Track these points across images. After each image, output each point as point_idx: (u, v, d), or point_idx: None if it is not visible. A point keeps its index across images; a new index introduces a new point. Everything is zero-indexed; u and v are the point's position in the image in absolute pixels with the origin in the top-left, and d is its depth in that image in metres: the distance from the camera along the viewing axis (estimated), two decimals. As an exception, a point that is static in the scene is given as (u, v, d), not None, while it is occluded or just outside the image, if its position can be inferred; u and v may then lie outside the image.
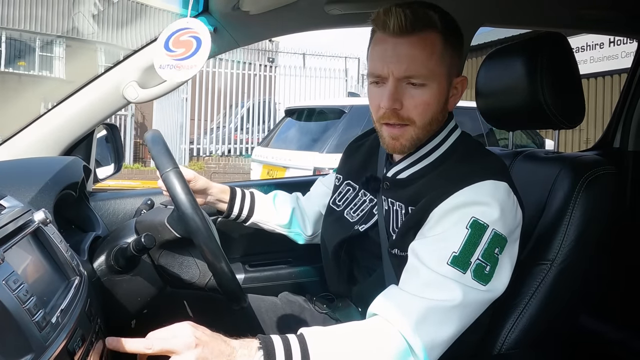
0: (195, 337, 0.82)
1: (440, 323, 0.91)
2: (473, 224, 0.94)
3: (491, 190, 0.97)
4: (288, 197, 1.41)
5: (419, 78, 0.99)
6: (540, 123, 1.32)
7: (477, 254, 0.93)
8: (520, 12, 1.69)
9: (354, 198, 1.21)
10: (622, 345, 1.63)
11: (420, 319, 0.89)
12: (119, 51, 10.86)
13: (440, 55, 1.00)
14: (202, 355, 0.81)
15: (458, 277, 0.92)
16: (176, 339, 0.82)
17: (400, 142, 1.04)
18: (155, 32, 2.61)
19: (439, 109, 1.04)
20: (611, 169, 1.15)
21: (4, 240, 0.70)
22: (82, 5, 10.81)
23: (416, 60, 0.98)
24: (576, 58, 1.28)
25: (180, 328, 0.84)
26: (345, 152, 1.34)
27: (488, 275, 0.94)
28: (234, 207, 1.33)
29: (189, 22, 1.09)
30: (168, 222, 1.04)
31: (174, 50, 1.10)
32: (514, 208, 0.99)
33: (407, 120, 1.02)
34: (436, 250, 0.94)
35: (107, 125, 1.58)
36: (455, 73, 1.05)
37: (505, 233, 0.96)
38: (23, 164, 1.26)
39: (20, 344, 0.62)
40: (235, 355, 0.84)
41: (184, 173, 1.13)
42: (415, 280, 0.94)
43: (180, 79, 1.09)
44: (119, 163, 1.64)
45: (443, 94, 1.03)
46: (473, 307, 0.94)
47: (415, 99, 1.00)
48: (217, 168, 9.28)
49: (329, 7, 1.43)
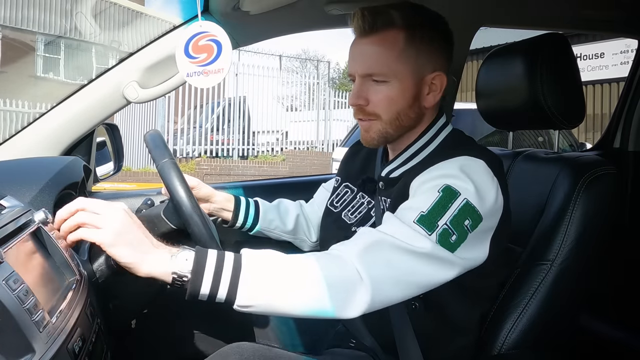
0: (122, 222, 0.83)
1: (393, 260, 0.88)
2: (445, 189, 0.94)
3: (467, 164, 0.98)
4: (292, 204, 1.41)
5: (380, 75, 1.03)
6: (540, 123, 1.32)
7: (445, 218, 0.91)
8: (520, 12, 1.69)
9: (352, 200, 1.22)
10: (622, 345, 1.63)
11: (371, 247, 0.89)
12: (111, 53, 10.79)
13: (401, 52, 1.02)
14: (124, 238, 0.81)
15: (423, 234, 0.91)
16: (102, 216, 0.83)
17: (370, 134, 1.08)
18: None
19: (406, 104, 1.05)
20: (611, 169, 1.15)
21: (4, 240, 0.70)
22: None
23: (376, 57, 1.03)
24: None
25: (114, 209, 0.84)
26: (345, 154, 1.34)
27: (453, 245, 0.91)
28: (239, 216, 1.33)
29: (201, 25, 1.07)
30: (164, 214, 1.05)
31: (196, 56, 1.08)
32: (493, 188, 0.97)
33: (373, 115, 1.06)
34: (405, 210, 0.95)
35: (107, 125, 1.58)
36: (429, 69, 1.05)
37: (481, 210, 0.94)
38: (23, 164, 1.26)
39: (20, 344, 0.62)
40: (162, 249, 0.84)
41: (188, 181, 1.13)
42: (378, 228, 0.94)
43: (210, 84, 1.08)
44: (119, 163, 1.64)
45: (409, 90, 1.04)
46: (428, 265, 0.90)
47: (379, 94, 1.04)
48: (209, 170, 9.07)
49: (329, 7, 1.43)
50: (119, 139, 1.65)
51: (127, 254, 0.82)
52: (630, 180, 1.88)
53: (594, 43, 8.56)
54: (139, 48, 1.40)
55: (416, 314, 1.03)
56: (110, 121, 1.57)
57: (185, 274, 0.83)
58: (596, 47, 8.67)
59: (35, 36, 11.70)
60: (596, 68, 8.78)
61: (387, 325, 1.04)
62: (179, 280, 0.83)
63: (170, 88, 1.38)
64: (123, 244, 0.82)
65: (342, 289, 0.86)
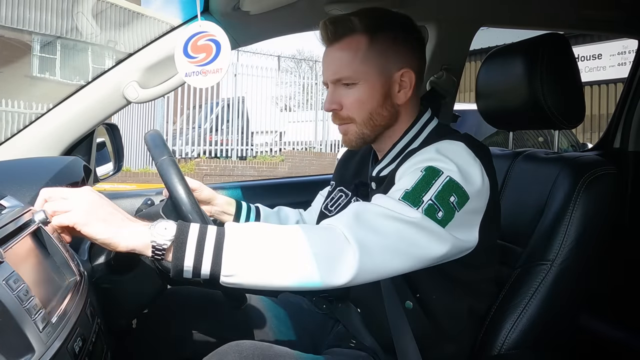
0: (90, 201, 0.83)
1: (381, 225, 0.88)
2: (428, 168, 0.95)
3: (444, 147, 1.00)
4: (292, 211, 1.41)
5: (347, 79, 1.07)
6: (540, 123, 1.32)
7: (430, 194, 0.92)
8: (520, 12, 1.69)
9: (346, 204, 1.22)
10: (622, 344, 1.63)
11: (358, 214, 0.89)
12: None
13: (365, 54, 1.06)
14: (95, 215, 0.81)
15: (411, 207, 0.91)
16: (70, 200, 0.83)
17: (348, 137, 1.12)
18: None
19: (377, 104, 1.08)
20: (611, 169, 1.15)
21: (4, 240, 0.70)
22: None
23: (341, 63, 1.08)
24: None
25: (81, 190, 0.84)
26: (340, 159, 1.36)
27: (441, 221, 0.91)
28: (240, 220, 1.32)
29: (201, 25, 1.07)
30: (162, 212, 1.05)
31: (195, 56, 1.09)
32: (477, 168, 0.98)
33: (348, 119, 1.10)
34: (391, 192, 0.96)
35: (107, 125, 1.58)
36: (395, 68, 1.08)
37: (467, 188, 0.94)
38: (23, 164, 1.26)
39: (20, 343, 0.62)
40: (138, 222, 0.84)
41: (190, 183, 1.13)
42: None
43: (209, 84, 1.09)
44: (119, 163, 1.64)
45: (378, 89, 1.07)
46: (417, 233, 0.89)
47: (350, 97, 1.08)
48: (209, 170, 9.04)
49: (329, 7, 1.43)
50: (119, 139, 1.64)
51: (101, 230, 0.81)
52: (630, 180, 1.88)
53: (591, 44, 8.59)
54: (139, 48, 1.40)
55: (412, 314, 1.04)
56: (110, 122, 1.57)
57: (166, 242, 0.81)
58: (594, 48, 8.71)
59: (31, 36, 11.67)
60: (594, 69, 8.81)
61: (386, 325, 1.04)
62: (159, 251, 0.81)
63: (171, 88, 1.38)
64: (95, 220, 0.81)
65: (329, 254, 0.84)
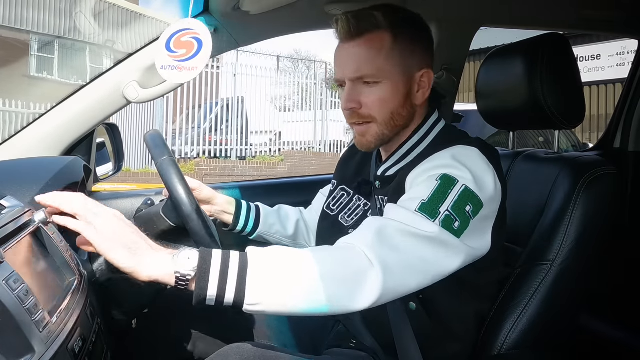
0: (117, 226, 0.80)
1: (402, 243, 0.87)
2: (443, 177, 0.94)
3: (459, 153, 0.98)
4: (292, 209, 1.41)
5: (370, 77, 1.03)
6: (540, 123, 1.32)
7: (447, 205, 0.91)
8: (520, 12, 1.69)
9: (348, 203, 1.22)
10: (622, 344, 1.63)
11: (378, 233, 0.87)
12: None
13: (389, 52, 1.03)
14: (120, 241, 0.79)
15: (428, 220, 0.90)
16: (98, 215, 0.80)
17: (366, 138, 1.08)
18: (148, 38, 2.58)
19: (399, 104, 1.06)
20: (611, 169, 1.15)
21: (4, 240, 0.70)
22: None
23: (364, 60, 1.03)
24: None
25: (111, 213, 0.81)
26: (341, 158, 1.35)
27: (457, 231, 0.91)
28: (240, 219, 1.32)
29: (190, 22, 1.08)
30: (163, 212, 1.05)
31: (175, 51, 1.10)
32: (490, 174, 0.98)
33: (369, 117, 1.06)
34: (405, 201, 0.94)
35: (107, 125, 1.58)
36: (416, 67, 1.06)
37: (481, 196, 0.94)
38: (23, 164, 1.26)
39: (20, 343, 0.62)
40: (161, 251, 0.82)
41: (190, 183, 1.13)
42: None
43: (181, 80, 1.09)
44: (119, 163, 1.64)
45: (400, 89, 1.05)
46: (435, 249, 0.89)
47: (371, 96, 1.04)
48: (209, 170, 8.99)
49: (329, 7, 1.43)
50: (119, 139, 1.64)
51: (124, 258, 0.78)
52: (630, 180, 1.88)
53: (590, 45, 8.60)
54: (139, 48, 1.40)
55: (414, 314, 1.03)
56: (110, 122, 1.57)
57: (189, 272, 0.80)
58: (592, 48, 8.71)
59: (29, 35, 11.66)
60: (592, 70, 8.82)
61: (387, 325, 1.04)
62: (183, 281, 0.80)
63: (171, 88, 1.38)
64: (120, 247, 0.78)
65: (353, 277, 0.84)
